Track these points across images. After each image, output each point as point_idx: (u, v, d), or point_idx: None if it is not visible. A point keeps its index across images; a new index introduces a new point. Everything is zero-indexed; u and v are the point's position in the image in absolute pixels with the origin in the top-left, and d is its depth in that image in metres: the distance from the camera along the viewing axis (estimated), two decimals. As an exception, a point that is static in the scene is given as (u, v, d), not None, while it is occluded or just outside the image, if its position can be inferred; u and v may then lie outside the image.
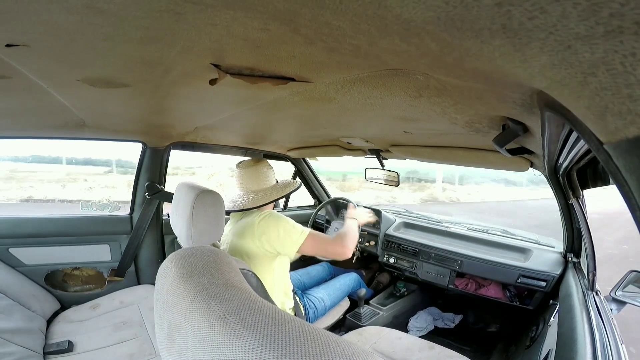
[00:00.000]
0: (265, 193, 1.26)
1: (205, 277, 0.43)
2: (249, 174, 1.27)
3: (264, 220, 1.16)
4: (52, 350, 1.12)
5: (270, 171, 1.32)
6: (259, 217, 1.17)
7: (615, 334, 0.81)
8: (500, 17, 0.22)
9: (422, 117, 0.77)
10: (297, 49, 0.42)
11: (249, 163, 1.30)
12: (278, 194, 1.28)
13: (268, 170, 1.30)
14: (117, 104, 0.88)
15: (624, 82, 0.20)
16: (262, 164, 1.30)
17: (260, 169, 1.28)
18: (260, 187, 1.27)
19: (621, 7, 0.17)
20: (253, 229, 1.15)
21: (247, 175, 1.27)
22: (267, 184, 1.29)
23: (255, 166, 1.28)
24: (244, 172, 1.28)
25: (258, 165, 1.29)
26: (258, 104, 0.80)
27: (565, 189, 1.08)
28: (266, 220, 1.16)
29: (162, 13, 0.34)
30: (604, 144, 0.26)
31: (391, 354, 1.17)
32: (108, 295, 1.57)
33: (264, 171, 1.29)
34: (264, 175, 1.29)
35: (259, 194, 1.25)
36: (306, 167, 2.30)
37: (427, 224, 1.97)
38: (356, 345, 0.31)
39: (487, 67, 0.34)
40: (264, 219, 1.16)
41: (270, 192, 1.27)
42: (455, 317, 1.88)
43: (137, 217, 1.64)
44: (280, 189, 1.30)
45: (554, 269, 1.40)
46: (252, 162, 1.30)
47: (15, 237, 1.44)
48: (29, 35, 0.41)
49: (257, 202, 1.23)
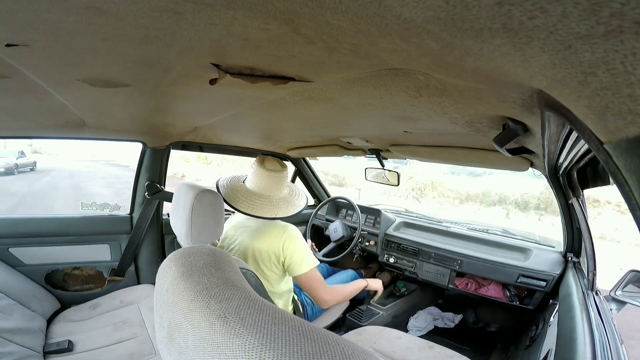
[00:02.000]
0: (290, 204, 1.23)
1: (205, 276, 0.43)
2: (276, 179, 1.20)
3: (292, 233, 1.17)
4: (52, 350, 1.12)
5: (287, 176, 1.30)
6: (286, 229, 1.17)
7: (615, 333, 0.81)
8: (501, 17, 0.22)
9: (422, 116, 0.77)
10: (297, 49, 0.42)
11: (275, 166, 1.23)
12: (300, 206, 1.25)
13: (287, 176, 1.27)
14: (117, 103, 0.88)
15: (625, 81, 0.20)
16: (286, 170, 1.25)
17: (285, 175, 1.24)
18: (283, 194, 1.23)
19: (622, 6, 0.17)
20: (279, 237, 1.16)
21: (275, 181, 1.20)
22: (286, 191, 1.26)
23: (282, 172, 1.22)
24: (271, 177, 1.20)
25: (284, 171, 1.23)
26: (258, 103, 0.80)
27: (565, 188, 1.08)
28: (294, 235, 1.17)
29: (162, 13, 0.34)
30: (604, 143, 0.26)
31: (391, 353, 1.17)
32: (108, 294, 1.58)
33: (286, 177, 1.26)
34: (285, 181, 1.26)
35: (286, 205, 1.21)
36: (306, 167, 2.30)
37: (427, 224, 1.98)
38: (356, 344, 0.31)
39: (488, 67, 0.34)
40: (292, 232, 1.17)
41: (294, 202, 1.24)
42: (455, 317, 1.88)
43: (137, 217, 1.64)
44: (297, 199, 1.28)
45: (553, 268, 1.40)
46: (278, 166, 1.23)
47: (15, 237, 1.44)
48: (29, 35, 0.41)
49: (288, 212, 1.20)
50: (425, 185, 9.98)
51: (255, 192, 1.20)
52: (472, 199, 9.42)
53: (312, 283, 1.19)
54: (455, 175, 10.37)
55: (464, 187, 9.79)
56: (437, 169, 10.51)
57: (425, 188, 9.94)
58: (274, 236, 1.16)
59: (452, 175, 10.42)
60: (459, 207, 9.06)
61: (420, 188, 9.96)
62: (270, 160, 1.23)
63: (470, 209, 8.91)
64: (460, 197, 9.54)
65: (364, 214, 2.13)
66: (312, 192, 2.42)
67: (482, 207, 9.06)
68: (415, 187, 10.00)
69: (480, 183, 9.69)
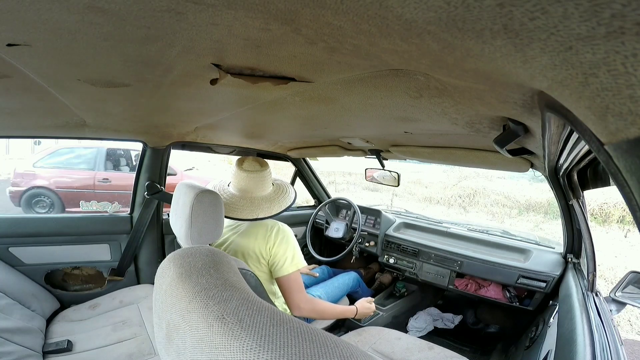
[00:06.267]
0: (274, 203, 1.21)
1: (203, 277, 0.43)
2: (257, 179, 1.20)
3: (279, 233, 1.16)
4: (52, 350, 1.12)
5: (271, 174, 1.28)
6: (273, 229, 1.16)
7: (615, 335, 0.81)
8: (502, 18, 0.22)
9: (423, 117, 0.77)
10: (297, 49, 0.42)
11: (254, 166, 1.22)
12: (285, 204, 1.23)
13: (270, 174, 1.26)
14: (117, 103, 0.88)
15: (625, 82, 0.20)
16: (267, 169, 1.24)
17: (266, 174, 1.23)
18: (266, 193, 1.22)
19: (623, 8, 0.17)
20: (266, 237, 1.15)
21: (255, 181, 1.20)
22: (270, 189, 1.25)
23: (262, 171, 1.21)
24: (250, 177, 1.20)
25: (264, 170, 1.22)
26: (258, 104, 0.80)
27: (565, 189, 1.08)
28: (281, 235, 1.16)
29: (163, 13, 0.34)
30: (605, 144, 0.26)
31: (390, 354, 1.17)
32: (108, 294, 1.57)
33: (269, 176, 1.24)
34: (268, 180, 1.24)
35: (268, 204, 1.20)
36: (306, 167, 2.30)
37: (427, 225, 1.98)
38: (354, 346, 0.31)
39: (488, 68, 0.34)
40: (279, 232, 1.16)
41: (279, 201, 1.23)
42: (454, 318, 1.88)
43: (137, 217, 1.64)
44: (283, 197, 1.25)
45: (553, 269, 1.40)
46: (257, 166, 1.22)
47: (15, 237, 1.44)
48: (30, 34, 0.41)
49: (271, 212, 1.19)
50: (475, 192, 8.09)
51: (236, 195, 1.20)
52: (534, 208, 7.33)
53: (291, 285, 1.15)
54: (513, 180, 8.40)
55: (524, 194, 7.74)
56: (490, 173, 8.52)
57: (476, 195, 8.02)
58: (259, 236, 1.15)
59: (510, 180, 8.42)
60: (516, 219, 7.02)
61: (468, 195, 8.06)
62: (249, 161, 1.23)
63: (532, 221, 6.85)
64: (519, 207, 7.46)
65: (364, 215, 2.13)
66: (312, 193, 2.42)
67: (547, 220, 6.80)
68: (463, 194, 8.09)
69: (544, 189, 7.16)
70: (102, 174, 4.82)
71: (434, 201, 8.06)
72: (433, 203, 7.98)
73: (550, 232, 5.90)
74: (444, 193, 8.30)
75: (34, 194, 4.78)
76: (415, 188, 8.80)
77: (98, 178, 4.81)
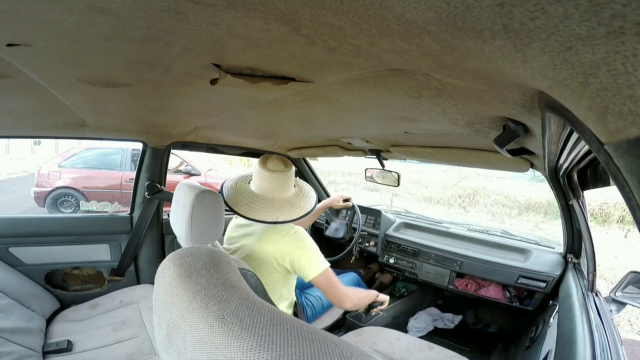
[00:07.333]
0: (295, 206, 1.15)
1: (204, 277, 0.43)
2: (280, 180, 1.13)
3: (297, 238, 1.12)
4: (52, 350, 1.12)
5: (294, 175, 1.22)
6: (290, 233, 1.13)
7: (615, 335, 0.81)
8: (502, 18, 0.22)
9: (423, 117, 0.77)
10: (297, 49, 0.42)
11: (278, 165, 1.14)
12: (307, 208, 1.17)
13: (293, 175, 1.20)
14: (117, 103, 0.88)
15: (625, 82, 0.20)
16: (292, 169, 1.17)
17: (290, 174, 1.16)
18: (287, 195, 1.16)
19: (623, 8, 0.17)
20: (285, 242, 1.12)
21: (278, 182, 1.13)
22: (292, 191, 1.19)
23: (286, 172, 1.14)
24: (273, 178, 1.12)
25: (289, 170, 1.15)
26: (258, 103, 0.80)
27: (565, 189, 1.08)
28: (300, 239, 1.12)
29: (163, 13, 0.34)
30: (605, 144, 0.26)
31: (390, 354, 1.17)
32: (108, 294, 1.57)
33: (292, 177, 1.18)
34: (291, 181, 1.18)
35: (290, 207, 1.14)
36: (306, 167, 2.30)
37: (427, 225, 1.98)
38: (354, 346, 0.31)
39: (488, 68, 0.34)
40: (297, 236, 1.13)
41: (300, 204, 1.17)
42: (454, 318, 1.88)
43: (137, 217, 1.64)
44: (305, 200, 1.20)
45: (553, 269, 1.40)
46: (282, 165, 1.15)
47: (15, 237, 1.44)
48: (30, 34, 0.41)
49: (292, 216, 1.13)
50: (475, 192, 8.11)
51: (257, 194, 1.14)
52: (534, 208, 7.39)
53: (327, 284, 1.14)
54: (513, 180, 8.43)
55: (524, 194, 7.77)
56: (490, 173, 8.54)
57: (476, 195, 8.05)
58: (275, 241, 1.12)
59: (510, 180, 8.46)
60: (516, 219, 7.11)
61: (468, 195, 8.08)
62: (274, 160, 1.16)
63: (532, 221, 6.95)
64: (519, 207, 7.52)
65: (364, 215, 2.13)
66: (312, 193, 2.41)
67: (547, 220, 6.90)
68: (463, 194, 8.10)
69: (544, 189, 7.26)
70: (129, 174, 4.82)
71: (434, 201, 8.06)
72: (433, 203, 7.99)
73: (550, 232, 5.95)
74: (444, 193, 8.32)
75: (60, 194, 4.79)
76: (415, 188, 8.80)
77: (125, 178, 4.81)
